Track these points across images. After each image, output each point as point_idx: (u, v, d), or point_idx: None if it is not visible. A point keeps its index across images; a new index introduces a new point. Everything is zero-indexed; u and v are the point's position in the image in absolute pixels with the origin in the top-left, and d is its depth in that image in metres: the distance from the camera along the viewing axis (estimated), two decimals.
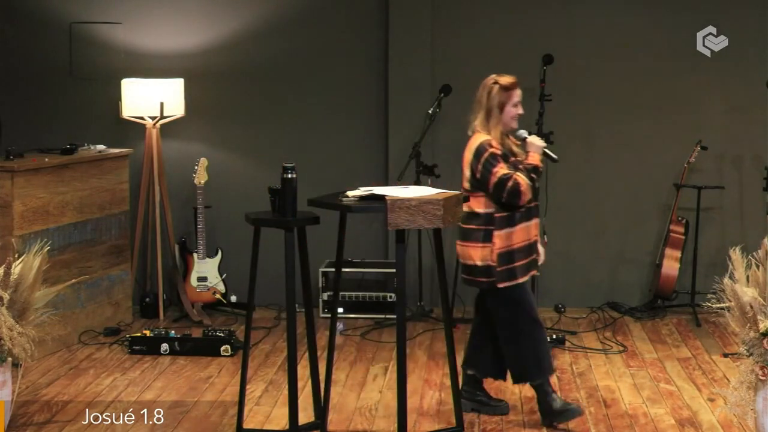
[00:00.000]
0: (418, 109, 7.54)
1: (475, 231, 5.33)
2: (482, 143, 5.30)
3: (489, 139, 5.31)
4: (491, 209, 5.29)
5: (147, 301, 7.56)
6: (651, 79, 7.71)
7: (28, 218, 6.48)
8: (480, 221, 5.31)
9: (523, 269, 5.36)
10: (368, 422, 5.47)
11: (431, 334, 7.14)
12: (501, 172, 5.22)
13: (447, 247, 7.12)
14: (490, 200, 5.29)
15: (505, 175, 5.21)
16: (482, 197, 5.31)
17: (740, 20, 7.60)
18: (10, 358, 5.07)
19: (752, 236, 7.17)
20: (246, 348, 5.30)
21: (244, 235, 6.27)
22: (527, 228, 5.35)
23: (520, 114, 5.38)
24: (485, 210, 5.30)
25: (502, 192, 5.22)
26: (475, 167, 5.30)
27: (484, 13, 7.74)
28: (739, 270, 4.97)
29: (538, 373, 5.37)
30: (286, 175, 5.12)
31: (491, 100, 5.34)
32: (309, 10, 7.81)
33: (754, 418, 4.84)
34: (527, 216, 5.35)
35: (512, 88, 5.34)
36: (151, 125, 7.49)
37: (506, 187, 5.20)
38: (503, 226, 5.29)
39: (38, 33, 7.86)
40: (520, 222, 5.31)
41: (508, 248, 5.29)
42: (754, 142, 7.61)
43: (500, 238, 5.29)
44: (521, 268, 5.34)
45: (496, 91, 5.33)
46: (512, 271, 5.31)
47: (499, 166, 5.23)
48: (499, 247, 5.29)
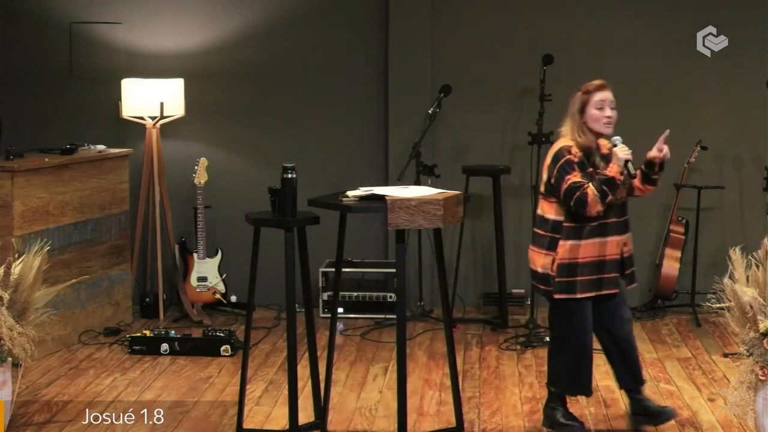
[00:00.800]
0: (418, 109, 7.54)
1: (542, 237, 5.22)
2: (561, 149, 5.15)
3: (569, 145, 5.15)
4: (561, 217, 5.14)
5: (147, 301, 7.56)
6: (651, 79, 7.71)
7: (28, 218, 6.48)
8: (548, 227, 5.18)
9: (585, 285, 5.14)
10: (368, 422, 5.47)
11: (431, 334, 7.14)
12: (572, 180, 5.05)
13: (447, 247, 7.14)
14: (561, 208, 5.14)
15: (575, 184, 5.04)
16: (554, 203, 5.16)
17: (740, 20, 7.60)
18: (10, 358, 5.07)
19: (752, 236, 7.17)
20: (246, 348, 5.31)
21: (244, 235, 6.28)
22: (599, 244, 5.13)
23: (608, 116, 5.14)
24: (555, 217, 5.16)
25: (570, 200, 5.05)
26: (551, 172, 5.14)
27: (484, 13, 7.74)
28: (739, 270, 4.97)
29: (571, 390, 5.34)
30: (286, 175, 5.12)
31: (573, 104, 5.19)
32: (309, 10, 7.81)
33: (754, 418, 4.84)
34: (600, 231, 5.13)
35: (593, 90, 5.16)
36: (151, 125, 7.49)
37: (574, 196, 5.03)
38: (570, 237, 5.13)
39: (38, 33, 7.86)
40: (589, 236, 5.12)
41: (570, 260, 5.13)
42: (754, 142, 7.61)
43: (564, 249, 5.13)
44: (583, 284, 5.14)
45: (579, 95, 5.19)
46: (571, 284, 5.14)
47: (572, 174, 5.06)
48: (560, 258, 5.14)
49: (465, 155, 7.72)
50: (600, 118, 5.15)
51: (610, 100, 5.17)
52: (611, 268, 5.19)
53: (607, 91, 5.19)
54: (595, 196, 5.04)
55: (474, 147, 7.76)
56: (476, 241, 7.85)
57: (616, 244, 5.18)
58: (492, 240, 7.58)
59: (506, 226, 7.56)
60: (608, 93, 5.19)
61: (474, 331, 7.21)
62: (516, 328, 7.21)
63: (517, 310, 7.54)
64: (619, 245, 5.20)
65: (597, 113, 5.15)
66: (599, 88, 5.19)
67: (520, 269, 7.74)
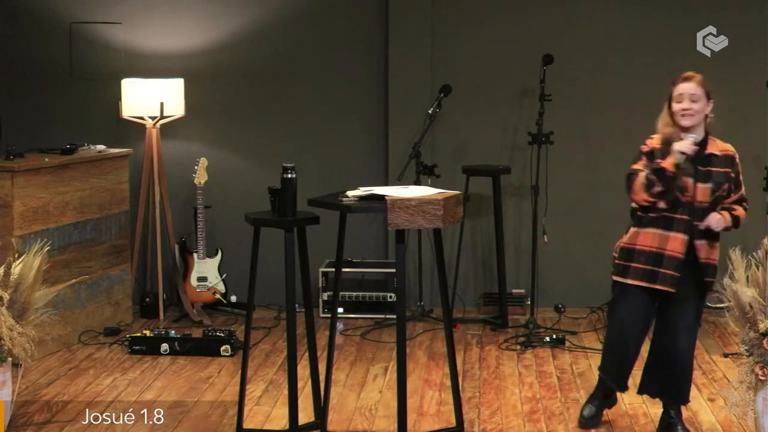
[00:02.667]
0: (418, 109, 7.54)
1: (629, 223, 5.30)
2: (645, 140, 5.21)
3: (652, 136, 5.18)
4: (635, 205, 5.20)
5: (147, 301, 7.56)
6: (651, 79, 7.70)
7: (28, 218, 6.48)
8: (630, 214, 5.27)
9: (639, 273, 5.10)
10: (368, 422, 5.47)
11: (431, 334, 7.14)
12: (633, 167, 5.11)
13: (447, 247, 7.14)
14: None
15: (632, 171, 5.09)
16: None
17: (740, 20, 7.60)
18: (10, 358, 5.07)
19: (752, 236, 7.16)
20: (246, 348, 5.31)
21: (244, 235, 6.27)
22: (659, 236, 5.06)
23: (684, 109, 5.03)
24: (632, 205, 5.23)
25: (625, 186, 5.14)
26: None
27: (484, 13, 7.74)
28: (739, 270, 4.97)
29: (606, 375, 5.33)
30: (286, 175, 5.12)
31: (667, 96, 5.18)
32: (309, 11, 7.81)
33: (754, 418, 4.84)
34: (664, 224, 5.05)
35: (676, 82, 5.11)
36: (151, 125, 7.49)
37: (626, 182, 5.10)
38: (635, 224, 5.18)
39: (38, 33, 7.86)
40: (648, 226, 5.09)
41: (630, 246, 5.15)
42: (754, 142, 7.60)
43: (629, 234, 5.19)
44: (636, 271, 5.10)
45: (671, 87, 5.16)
46: (626, 268, 5.14)
47: (638, 162, 5.10)
48: (624, 242, 5.20)
49: (465, 155, 7.72)
50: (677, 111, 5.08)
51: (689, 93, 5.05)
52: (669, 264, 5.05)
53: (689, 82, 5.08)
54: (642, 183, 5.00)
55: (474, 147, 7.76)
56: (476, 241, 7.85)
57: (680, 242, 5.05)
58: (492, 240, 7.58)
59: (506, 226, 7.57)
60: (689, 84, 5.08)
61: (474, 331, 7.21)
62: (516, 328, 7.21)
63: (517, 310, 7.54)
64: (684, 244, 5.05)
65: (676, 106, 5.08)
66: (682, 79, 5.10)
67: (520, 269, 7.74)
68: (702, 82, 5.12)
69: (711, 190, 5.06)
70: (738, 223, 5.13)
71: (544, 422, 5.47)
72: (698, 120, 5.08)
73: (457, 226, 7.21)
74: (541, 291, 7.40)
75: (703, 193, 5.07)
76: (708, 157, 5.10)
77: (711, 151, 5.11)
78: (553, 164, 7.34)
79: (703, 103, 5.09)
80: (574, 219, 7.77)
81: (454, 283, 7.45)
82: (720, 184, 5.09)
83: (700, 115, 5.08)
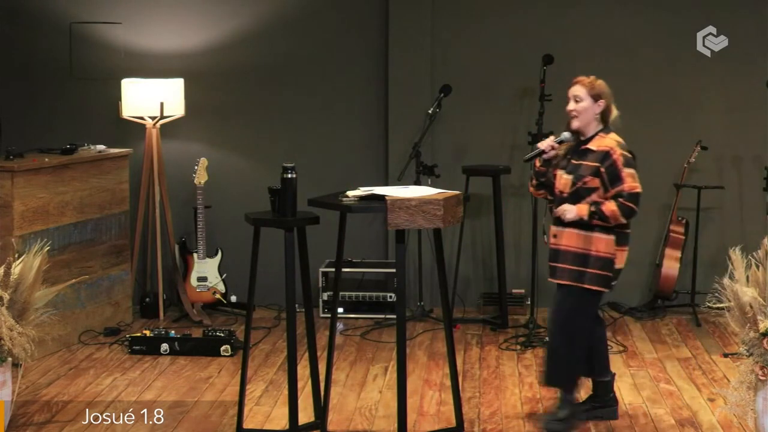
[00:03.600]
0: (418, 109, 7.54)
1: None
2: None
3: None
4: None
5: (147, 301, 7.56)
6: (651, 79, 7.71)
7: (28, 218, 6.48)
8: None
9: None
10: (368, 422, 5.47)
11: (431, 334, 7.14)
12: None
13: (447, 247, 7.13)
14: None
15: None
16: None
17: (740, 20, 7.60)
18: (10, 358, 5.07)
19: (752, 236, 7.16)
20: (246, 348, 5.31)
21: (244, 235, 6.27)
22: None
23: (569, 110, 5.36)
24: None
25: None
26: None
27: (484, 13, 7.74)
28: (739, 270, 4.97)
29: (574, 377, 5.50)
30: (286, 175, 5.12)
31: None
32: (309, 11, 7.81)
33: (754, 418, 4.84)
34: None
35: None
36: (151, 125, 7.49)
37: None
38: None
39: (38, 33, 7.86)
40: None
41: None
42: (754, 142, 7.61)
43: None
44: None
45: None
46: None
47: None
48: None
49: (465, 155, 7.72)
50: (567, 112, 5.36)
51: (574, 95, 5.33)
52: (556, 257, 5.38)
53: (574, 85, 5.35)
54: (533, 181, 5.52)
55: (474, 147, 7.76)
56: (476, 241, 7.86)
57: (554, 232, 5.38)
58: (492, 240, 7.58)
59: (506, 226, 7.56)
60: (574, 87, 5.35)
61: (474, 331, 7.21)
62: (516, 328, 7.21)
63: (517, 310, 7.53)
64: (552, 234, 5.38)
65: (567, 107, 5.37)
66: (572, 83, 5.39)
67: (520, 269, 7.74)
68: (589, 84, 5.34)
69: (571, 182, 5.26)
70: (604, 217, 5.18)
71: None
72: (586, 120, 5.31)
73: (457, 226, 7.20)
74: (541, 291, 7.39)
75: (564, 183, 5.30)
76: (584, 152, 5.32)
77: (589, 147, 5.32)
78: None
79: (588, 104, 5.30)
80: None
81: (454, 283, 7.45)
82: (581, 177, 5.25)
83: (584, 115, 5.30)
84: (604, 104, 5.31)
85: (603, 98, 5.30)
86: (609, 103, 5.33)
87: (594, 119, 5.32)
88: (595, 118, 5.31)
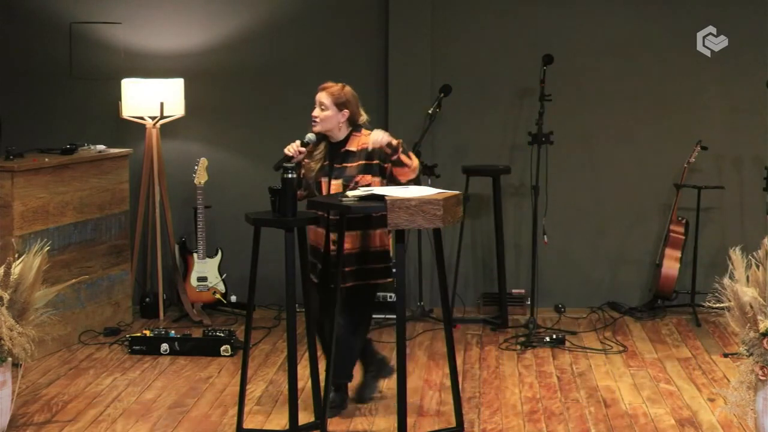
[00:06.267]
0: (418, 109, 7.54)
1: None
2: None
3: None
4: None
5: (147, 301, 7.56)
6: (651, 79, 7.71)
7: (28, 218, 6.48)
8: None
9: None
10: (368, 422, 5.47)
11: (431, 334, 7.14)
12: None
13: (447, 247, 7.13)
14: None
15: None
16: None
17: (740, 20, 7.60)
18: (10, 358, 5.07)
19: (752, 236, 7.17)
20: (246, 348, 5.31)
21: (244, 235, 6.28)
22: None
23: (313, 116, 5.46)
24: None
25: None
26: None
27: (483, 13, 7.74)
28: (739, 270, 4.97)
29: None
30: (286, 175, 5.13)
31: None
32: (309, 11, 7.81)
33: (754, 418, 4.84)
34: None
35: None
36: (151, 125, 7.49)
37: None
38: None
39: (38, 33, 7.86)
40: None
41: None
42: (754, 142, 7.61)
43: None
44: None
45: None
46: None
47: None
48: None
49: (465, 155, 7.72)
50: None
51: (319, 101, 5.44)
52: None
53: (320, 92, 5.46)
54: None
55: (474, 147, 7.76)
56: (476, 241, 7.86)
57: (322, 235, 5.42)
58: (492, 240, 7.58)
59: (506, 226, 7.56)
60: (319, 94, 5.46)
61: (474, 331, 7.21)
62: (516, 328, 7.21)
63: (517, 310, 7.53)
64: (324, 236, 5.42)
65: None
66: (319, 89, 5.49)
67: (520, 269, 7.74)
68: (334, 92, 5.43)
69: (342, 185, 5.32)
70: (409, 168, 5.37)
71: (544, 422, 5.47)
72: (329, 126, 5.42)
73: (457, 226, 7.21)
74: (541, 291, 7.40)
75: (336, 188, 5.35)
76: (345, 155, 5.40)
77: (348, 149, 5.40)
78: (553, 164, 7.35)
79: (331, 113, 5.41)
80: (574, 219, 7.77)
81: (454, 283, 7.45)
82: (351, 178, 5.33)
83: (327, 122, 5.41)
84: (348, 113, 5.40)
85: (347, 107, 5.39)
86: (354, 111, 5.41)
87: (339, 125, 5.40)
88: (340, 124, 5.40)
